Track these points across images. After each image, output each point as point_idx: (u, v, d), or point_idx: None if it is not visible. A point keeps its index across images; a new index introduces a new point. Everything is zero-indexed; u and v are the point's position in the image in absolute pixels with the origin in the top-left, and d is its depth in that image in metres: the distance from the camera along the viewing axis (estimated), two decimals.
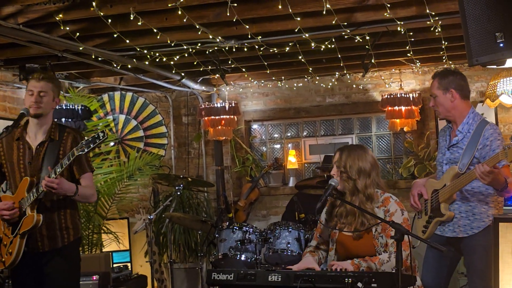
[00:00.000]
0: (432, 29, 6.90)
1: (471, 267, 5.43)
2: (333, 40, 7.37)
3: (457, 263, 5.70)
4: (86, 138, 4.95)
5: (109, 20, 6.28)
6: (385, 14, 6.33)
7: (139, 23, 6.26)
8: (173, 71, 8.74)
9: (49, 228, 5.14)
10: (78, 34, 6.68)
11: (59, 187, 4.96)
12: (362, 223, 4.90)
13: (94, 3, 5.89)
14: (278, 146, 10.81)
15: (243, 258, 7.08)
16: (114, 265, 8.68)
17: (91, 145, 4.86)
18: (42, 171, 5.10)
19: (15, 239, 5.05)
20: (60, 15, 6.17)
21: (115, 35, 6.69)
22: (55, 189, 4.95)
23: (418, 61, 8.98)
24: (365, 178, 4.94)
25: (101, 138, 4.85)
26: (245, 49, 7.64)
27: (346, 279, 4.37)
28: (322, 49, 7.61)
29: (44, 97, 5.19)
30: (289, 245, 7.05)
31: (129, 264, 9.73)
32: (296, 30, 6.73)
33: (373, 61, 8.27)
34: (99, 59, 7.75)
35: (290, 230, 7.14)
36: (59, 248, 5.19)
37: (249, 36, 6.96)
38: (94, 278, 7.11)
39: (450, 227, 5.44)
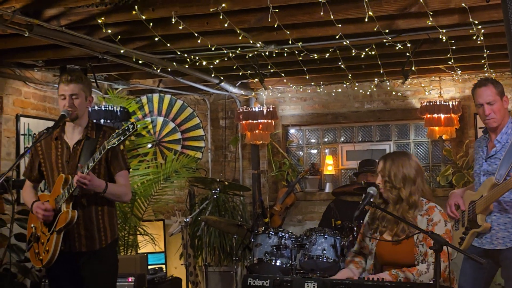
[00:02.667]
0: (474, 37, 6.84)
1: (509, 280, 5.35)
2: (374, 46, 7.34)
3: (494, 275, 5.62)
4: (119, 130, 4.93)
5: (151, 24, 6.31)
6: (427, 21, 6.28)
7: (180, 27, 6.28)
8: (212, 75, 8.77)
9: (87, 229, 5.16)
10: (119, 36, 6.73)
11: (90, 183, 4.97)
12: (403, 229, 4.84)
13: (136, 7, 5.93)
14: (315, 151, 10.78)
15: (278, 263, 7.05)
16: (149, 267, 8.71)
17: (121, 138, 4.83)
18: (79, 169, 5.12)
19: (51, 236, 5.07)
20: (102, 18, 6.21)
21: (156, 38, 6.73)
22: (86, 186, 4.95)
23: (458, 69, 8.90)
24: (410, 185, 4.88)
25: (130, 130, 4.81)
26: (285, 54, 7.64)
27: None
28: (362, 56, 7.58)
29: (76, 99, 5.19)
30: (324, 252, 7.01)
31: (164, 266, 9.77)
32: (337, 37, 6.71)
33: (413, 68, 8.21)
34: (139, 61, 7.80)
35: (326, 236, 7.10)
36: (97, 249, 5.20)
37: (290, 42, 6.95)
38: (130, 280, 7.14)
39: (488, 239, 5.36)
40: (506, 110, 5.42)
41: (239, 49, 7.38)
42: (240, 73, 8.73)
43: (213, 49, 7.20)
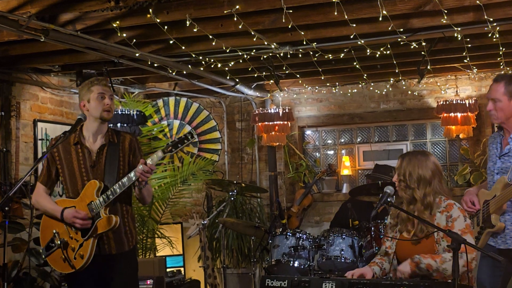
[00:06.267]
0: (489, 35, 6.81)
1: None
2: (389, 46, 7.33)
3: (511, 275, 5.58)
4: (175, 138, 4.98)
5: (165, 27, 6.33)
6: (442, 20, 6.26)
7: (195, 30, 6.29)
8: (228, 77, 8.78)
9: (115, 232, 5.16)
10: (134, 40, 6.76)
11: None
12: (421, 229, 4.78)
13: (150, 10, 5.95)
14: (331, 152, 10.77)
15: (296, 264, 7.07)
16: (168, 270, 8.73)
17: (179, 145, 4.93)
18: (106, 174, 5.14)
19: (86, 242, 5.07)
20: (117, 22, 6.24)
21: (171, 41, 6.75)
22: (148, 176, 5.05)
23: (474, 67, 8.86)
24: (425, 186, 4.81)
25: (189, 139, 4.90)
26: (300, 55, 7.64)
27: None
28: (377, 55, 7.56)
29: (111, 101, 5.26)
30: (342, 252, 7.02)
31: (182, 269, 9.79)
32: (351, 36, 6.70)
33: (428, 67, 8.19)
34: (155, 65, 7.83)
35: (343, 237, 7.11)
36: (126, 251, 5.23)
37: (304, 42, 6.95)
38: (148, 282, 7.16)
39: (502, 238, 5.33)
40: None
41: (254, 50, 7.39)
42: (255, 75, 8.74)
43: (227, 51, 7.22)
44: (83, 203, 5.12)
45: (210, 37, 6.64)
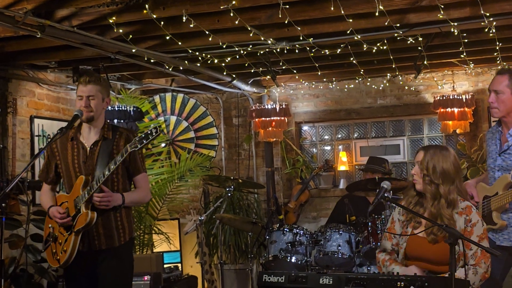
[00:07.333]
0: (486, 30, 6.81)
1: None
2: (385, 41, 7.33)
3: (510, 268, 5.57)
4: (139, 134, 4.98)
5: (162, 23, 6.33)
6: (438, 15, 6.26)
7: (191, 25, 6.29)
8: (224, 73, 8.78)
9: (106, 227, 5.18)
10: (130, 36, 6.75)
11: (111, 199, 5.08)
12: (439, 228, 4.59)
13: (147, 6, 5.94)
14: (328, 147, 10.77)
15: (293, 260, 7.05)
16: (165, 266, 8.72)
17: (144, 141, 4.88)
18: (96, 170, 5.15)
19: (69, 236, 5.10)
20: (114, 18, 6.23)
21: (167, 37, 6.74)
22: (109, 204, 5.07)
23: (471, 62, 8.87)
24: (449, 183, 4.68)
25: (154, 134, 4.87)
26: (296, 51, 7.64)
27: (399, 283, 4.31)
28: (374, 51, 7.56)
29: (93, 100, 5.22)
30: (339, 248, 7.01)
31: (179, 265, 9.78)
32: (348, 32, 6.71)
33: (425, 62, 8.19)
34: (151, 61, 7.81)
35: (341, 232, 7.09)
36: (116, 246, 5.22)
37: (301, 38, 6.95)
38: (146, 278, 7.16)
39: (505, 235, 5.30)
40: None
41: (250, 46, 7.38)
42: (252, 71, 8.74)
43: (224, 47, 7.21)
44: (72, 198, 5.17)
45: (207, 32, 6.64)
